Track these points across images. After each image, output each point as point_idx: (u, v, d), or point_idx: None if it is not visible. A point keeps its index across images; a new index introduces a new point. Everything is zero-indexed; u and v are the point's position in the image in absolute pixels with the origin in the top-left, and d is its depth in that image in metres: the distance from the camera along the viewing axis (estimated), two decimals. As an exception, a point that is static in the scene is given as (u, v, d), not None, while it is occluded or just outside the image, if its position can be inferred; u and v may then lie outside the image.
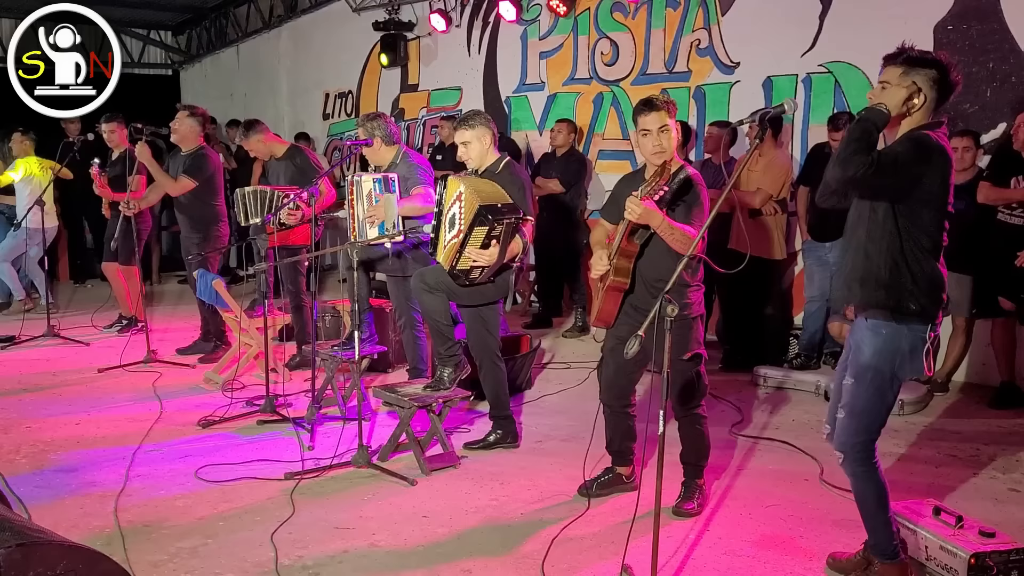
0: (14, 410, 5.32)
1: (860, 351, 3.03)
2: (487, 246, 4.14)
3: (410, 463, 4.36)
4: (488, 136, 4.45)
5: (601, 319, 3.76)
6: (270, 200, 5.60)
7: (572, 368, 6.34)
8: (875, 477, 3.09)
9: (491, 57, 9.17)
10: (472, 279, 4.25)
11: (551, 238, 7.49)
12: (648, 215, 3.41)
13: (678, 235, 3.46)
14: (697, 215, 3.58)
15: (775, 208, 6.14)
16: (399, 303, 5.32)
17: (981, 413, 5.33)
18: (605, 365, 3.92)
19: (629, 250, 3.61)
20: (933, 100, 2.89)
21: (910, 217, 2.88)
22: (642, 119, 3.64)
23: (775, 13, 6.83)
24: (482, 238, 4.12)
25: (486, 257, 4.16)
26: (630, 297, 3.73)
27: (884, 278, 2.94)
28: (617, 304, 3.71)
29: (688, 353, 3.68)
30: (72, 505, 3.90)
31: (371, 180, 4.77)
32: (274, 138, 6.23)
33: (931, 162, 2.83)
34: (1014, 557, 3.14)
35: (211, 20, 13.04)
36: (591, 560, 3.39)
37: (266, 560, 3.37)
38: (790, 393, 5.77)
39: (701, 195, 3.63)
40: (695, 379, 3.76)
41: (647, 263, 3.66)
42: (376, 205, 4.74)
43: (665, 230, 3.47)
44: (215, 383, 5.83)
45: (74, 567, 2.10)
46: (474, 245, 4.14)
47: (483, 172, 4.47)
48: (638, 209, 3.39)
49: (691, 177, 3.64)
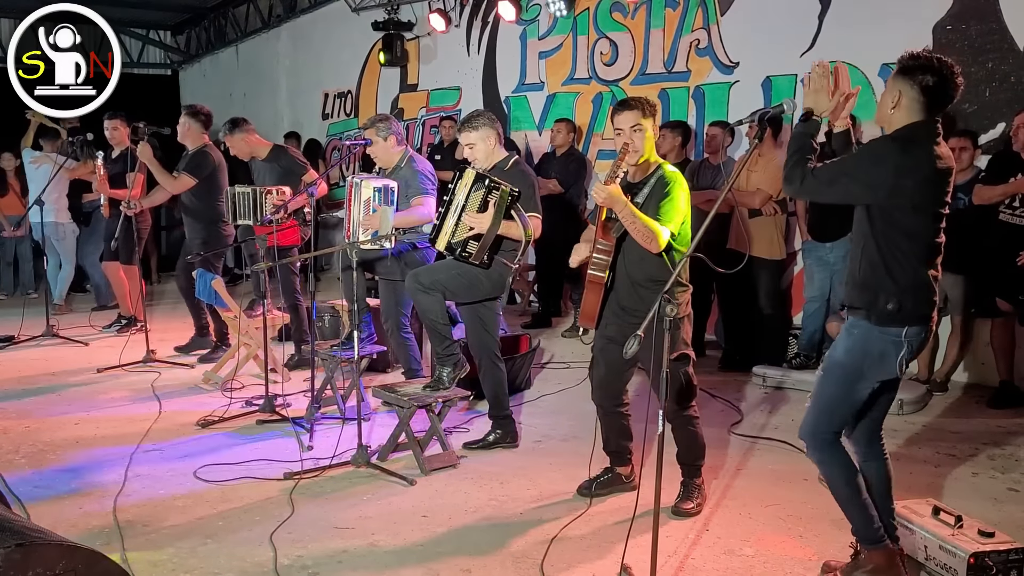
0: (13, 410, 5.32)
1: (835, 347, 3.09)
2: (484, 210, 4.16)
3: (409, 463, 4.36)
4: (492, 136, 4.46)
5: (584, 315, 3.73)
6: (255, 199, 5.59)
7: (571, 368, 6.34)
8: (840, 461, 3.10)
9: (490, 57, 9.17)
10: (468, 253, 4.24)
11: (550, 238, 7.40)
12: (612, 199, 3.45)
13: (640, 225, 3.46)
14: (667, 210, 3.55)
15: (775, 208, 6.14)
16: (387, 306, 5.27)
17: (980, 413, 5.33)
18: (596, 365, 3.92)
19: (605, 242, 3.61)
20: (918, 104, 2.84)
21: (884, 219, 2.87)
22: (616, 118, 3.70)
23: (774, 13, 6.83)
24: (479, 201, 4.15)
25: (480, 221, 4.16)
26: (617, 297, 3.74)
27: (859, 278, 2.96)
28: (598, 301, 3.67)
29: (675, 353, 3.68)
30: (71, 505, 3.90)
31: (371, 188, 4.76)
32: (258, 140, 6.18)
33: (887, 163, 2.80)
34: (1013, 557, 3.14)
35: (210, 20, 13.05)
36: (590, 560, 3.38)
37: (265, 560, 3.37)
38: (789, 393, 5.77)
39: (672, 191, 3.60)
40: (683, 379, 3.75)
41: (633, 263, 3.67)
42: (372, 215, 4.73)
43: (627, 216, 3.47)
44: (214, 383, 5.83)
45: (73, 567, 2.11)
46: (471, 210, 4.17)
47: (492, 170, 4.47)
48: (602, 192, 3.43)
49: (664, 175, 3.64)
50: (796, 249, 6.52)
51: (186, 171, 6.32)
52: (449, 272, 4.38)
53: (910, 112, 2.87)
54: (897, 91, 2.88)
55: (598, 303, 3.68)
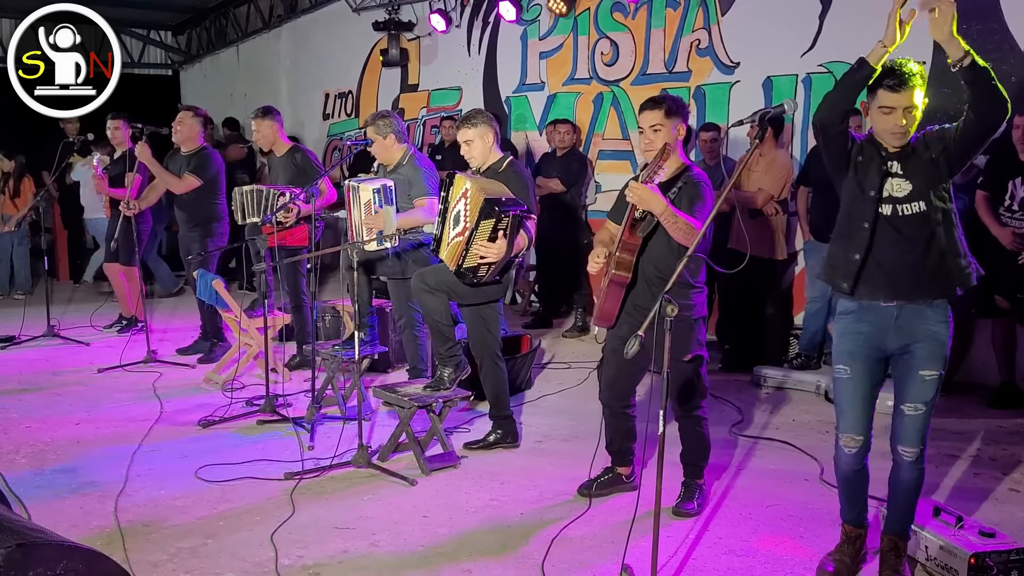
0: (14, 410, 5.31)
1: (942, 343, 3.12)
2: (494, 239, 4.13)
3: (410, 463, 4.36)
4: (491, 134, 4.46)
5: (602, 317, 3.70)
6: (267, 200, 5.60)
7: (572, 368, 6.34)
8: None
9: (491, 57, 9.17)
10: (480, 277, 4.23)
11: (551, 238, 7.49)
12: (650, 199, 3.38)
13: (682, 224, 3.40)
14: (699, 209, 3.53)
15: (776, 208, 6.14)
16: (399, 304, 5.32)
17: (981, 413, 5.33)
18: (606, 365, 3.90)
19: (631, 243, 3.57)
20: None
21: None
22: (639, 116, 3.68)
23: (775, 13, 6.83)
24: (489, 231, 4.11)
25: (494, 251, 4.14)
26: (631, 296, 3.69)
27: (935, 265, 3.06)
28: (618, 302, 3.65)
29: (689, 355, 3.67)
30: (72, 505, 3.90)
31: (370, 190, 4.75)
32: (283, 134, 6.19)
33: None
34: (1014, 557, 3.14)
35: (211, 20, 13.05)
36: (591, 560, 3.38)
37: (266, 560, 3.37)
38: (790, 393, 5.77)
39: (703, 192, 3.59)
40: (695, 380, 3.75)
41: (649, 261, 3.64)
42: (375, 216, 4.73)
43: (668, 217, 3.41)
44: (215, 383, 5.83)
45: (74, 567, 2.10)
46: (481, 239, 4.12)
47: (486, 171, 4.47)
48: (639, 191, 3.36)
49: (694, 176, 3.63)
50: (797, 249, 6.52)
51: (192, 172, 6.33)
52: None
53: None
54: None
55: (619, 303, 3.66)
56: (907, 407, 3.06)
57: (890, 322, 3.04)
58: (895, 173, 2.98)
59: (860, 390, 3.12)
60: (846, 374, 3.13)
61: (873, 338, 3.07)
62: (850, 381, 3.12)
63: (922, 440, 3.07)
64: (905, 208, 2.97)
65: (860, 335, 3.09)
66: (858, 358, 3.10)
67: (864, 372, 3.11)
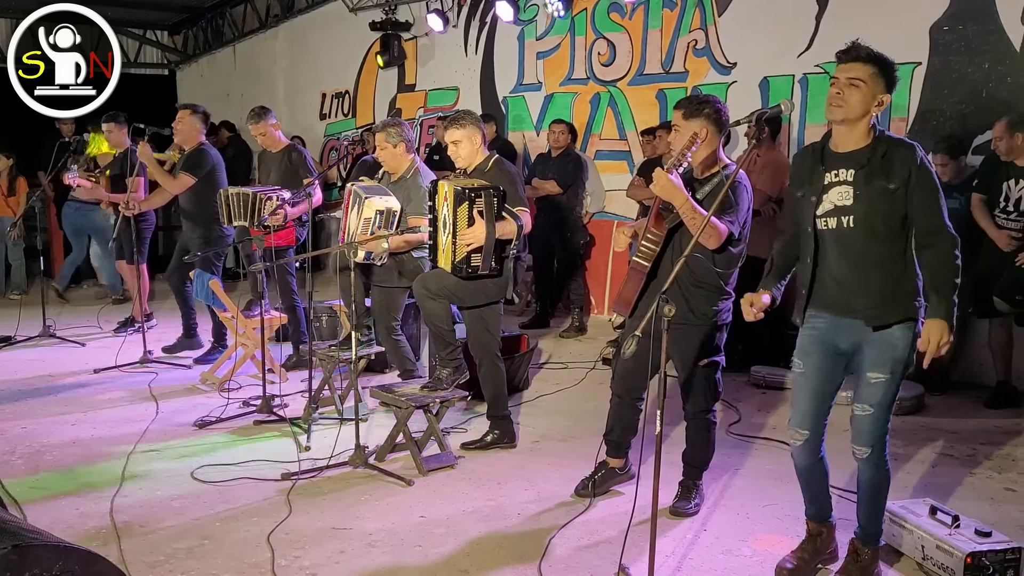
0: (10, 411, 5.30)
1: (896, 348, 3.07)
2: (472, 223, 4.15)
3: (407, 463, 4.36)
4: (478, 136, 4.46)
5: (621, 301, 3.64)
6: (253, 203, 5.57)
7: (569, 368, 6.35)
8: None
9: (488, 57, 9.17)
10: (474, 267, 4.23)
11: (548, 239, 7.49)
12: (671, 190, 3.32)
13: (700, 221, 3.23)
14: (730, 214, 3.46)
15: (773, 209, 6.15)
16: (379, 310, 5.20)
17: (977, 413, 5.33)
18: (622, 356, 3.85)
19: (656, 231, 3.52)
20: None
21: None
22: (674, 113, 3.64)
23: (772, 14, 6.84)
24: (466, 216, 4.14)
25: (473, 233, 4.15)
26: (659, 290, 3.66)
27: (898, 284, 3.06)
28: (637, 289, 3.60)
29: (706, 359, 3.66)
30: (68, 506, 3.89)
31: (374, 209, 4.69)
32: (280, 134, 6.19)
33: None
34: (1010, 556, 3.15)
35: (207, 20, 13.02)
36: (588, 560, 3.38)
37: (263, 561, 3.37)
38: (788, 393, 5.76)
39: (738, 194, 3.51)
40: (709, 384, 3.74)
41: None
42: (369, 238, 4.66)
43: (687, 211, 3.34)
44: (212, 383, 5.82)
45: (70, 568, 2.10)
46: (462, 226, 4.15)
47: (473, 171, 4.47)
48: (661, 180, 3.31)
49: (731, 176, 3.43)
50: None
51: (184, 170, 6.29)
52: (456, 278, 4.37)
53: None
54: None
55: (637, 291, 3.62)
56: (856, 407, 3.07)
57: (842, 320, 3.06)
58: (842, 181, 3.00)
59: (809, 385, 3.13)
60: (799, 368, 3.16)
61: (825, 334, 3.10)
62: (801, 376, 3.16)
63: (875, 440, 3.04)
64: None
65: (815, 331, 3.13)
66: (811, 354, 3.13)
67: (815, 368, 3.12)
